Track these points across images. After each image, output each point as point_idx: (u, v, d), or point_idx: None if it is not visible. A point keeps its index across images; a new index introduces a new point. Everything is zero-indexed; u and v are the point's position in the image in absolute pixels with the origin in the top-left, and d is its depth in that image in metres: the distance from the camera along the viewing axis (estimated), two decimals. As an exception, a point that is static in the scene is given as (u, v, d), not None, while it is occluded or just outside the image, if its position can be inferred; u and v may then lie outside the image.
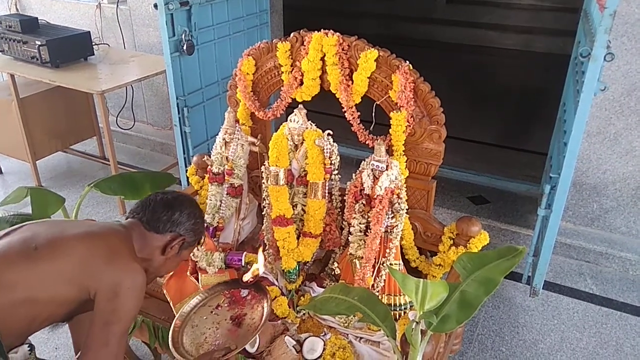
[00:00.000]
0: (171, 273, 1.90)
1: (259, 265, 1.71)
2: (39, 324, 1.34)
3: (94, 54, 3.45)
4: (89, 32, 3.43)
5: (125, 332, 1.35)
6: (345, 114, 1.93)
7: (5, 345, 1.27)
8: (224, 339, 1.59)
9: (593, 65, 1.93)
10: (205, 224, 2.10)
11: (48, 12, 4.19)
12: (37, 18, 3.45)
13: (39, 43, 3.13)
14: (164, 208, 1.48)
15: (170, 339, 1.56)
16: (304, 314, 1.88)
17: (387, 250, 1.81)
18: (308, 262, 2.07)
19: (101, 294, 1.30)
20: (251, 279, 1.70)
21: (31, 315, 1.29)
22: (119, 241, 1.40)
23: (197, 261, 1.91)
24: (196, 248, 1.88)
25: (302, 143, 1.97)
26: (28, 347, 1.38)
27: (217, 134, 2.10)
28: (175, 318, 1.65)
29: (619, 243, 2.86)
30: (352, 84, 1.88)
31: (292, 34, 1.96)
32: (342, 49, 1.86)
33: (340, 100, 1.92)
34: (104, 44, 3.85)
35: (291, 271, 1.98)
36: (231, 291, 1.76)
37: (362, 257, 1.81)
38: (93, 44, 3.46)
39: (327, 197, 1.97)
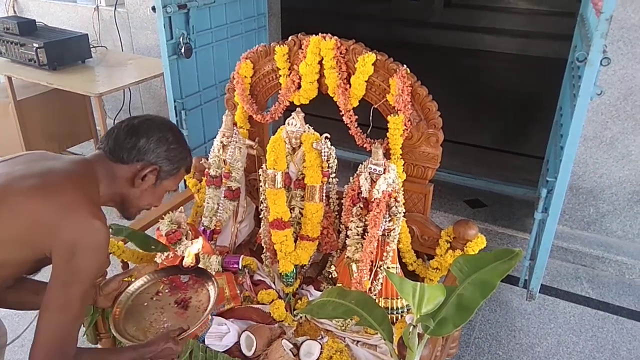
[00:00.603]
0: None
1: (195, 248, 1.65)
2: (0, 283, 1.27)
3: (91, 57, 3.44)
4: (87, 34, 3.42)
5: (87, 291, 1.24)
6: (343, 117, 1.94)
7: None
8: (172, 322, 1.55)
9: (589, 70, 1.93)
10: (203, 227, 2.11)
11: (46, 14, 4.18)
12: (34, 20, 3.45)
13: (36, 45, 3.12)
14: (127, 135, 1.33)
15: (112, 327, 1.52)
16: (301, 317, 1.87)
17: (384, 254, 1.81)
18: (305, 265, 2.07)
19: (57, 254, 1.18)
20: (191, 264, 1.64)
21: None
22: (77, 190, 1.24)
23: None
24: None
25: (299, 146, 1.97)
26: None
27: (215, 137, 2.10)
28: (115, 306, 1.59)
29: (615, 247, 2.87)
30: (350, 87, 1.88)
31: (290, 38, 1.97)
32: (340, 53, 1.87)
33: (337, 103, 1.92)
34: (101, 46, 3.84)
35: (288, 274, 1.98)
36: (170, 277, 1.70)
37: (360, 261, 1.81)
38: (91, 46, 3.45)
39: (324, 201, 1.97)
